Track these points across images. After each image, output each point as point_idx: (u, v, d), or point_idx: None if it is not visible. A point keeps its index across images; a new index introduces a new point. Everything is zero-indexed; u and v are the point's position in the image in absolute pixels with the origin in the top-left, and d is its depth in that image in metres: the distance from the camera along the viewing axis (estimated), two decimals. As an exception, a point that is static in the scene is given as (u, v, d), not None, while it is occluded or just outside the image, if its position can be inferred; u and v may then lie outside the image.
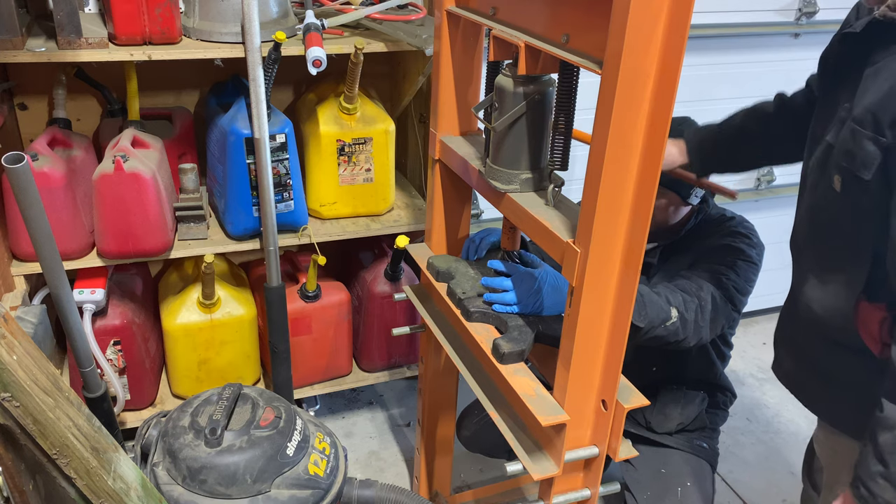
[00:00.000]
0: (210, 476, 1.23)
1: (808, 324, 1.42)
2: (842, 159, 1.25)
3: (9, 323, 0.89)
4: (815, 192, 1.37)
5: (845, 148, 1.24)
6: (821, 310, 1.37)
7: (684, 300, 1.59)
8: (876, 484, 1.21)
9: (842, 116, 1.29)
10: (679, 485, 1.89)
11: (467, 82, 1.59)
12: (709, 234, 1.84)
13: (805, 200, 1.43)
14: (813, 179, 1.38)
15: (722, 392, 2.03)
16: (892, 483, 1.19)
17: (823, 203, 1.34)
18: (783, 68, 2.78)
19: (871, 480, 1.21)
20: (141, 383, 2.14)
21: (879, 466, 1.20)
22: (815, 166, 1.37)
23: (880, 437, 1.20)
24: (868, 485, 1.22)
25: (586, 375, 1.25)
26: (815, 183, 1.36)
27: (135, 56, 1.73)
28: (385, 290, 2.26)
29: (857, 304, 1.31)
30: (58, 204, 1.80)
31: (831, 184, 1.29)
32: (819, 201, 1.36)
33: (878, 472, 1.21)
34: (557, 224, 1.25)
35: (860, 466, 1.25)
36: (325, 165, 2.06)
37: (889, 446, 1.19)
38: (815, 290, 1.38)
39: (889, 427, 1.19)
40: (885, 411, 1.20)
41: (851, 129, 1.23)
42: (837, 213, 1.31)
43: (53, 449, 0.91)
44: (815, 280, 1.39)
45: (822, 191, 1.33)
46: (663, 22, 0.99)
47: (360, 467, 2.42)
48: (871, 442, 1.22)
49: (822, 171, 1.34)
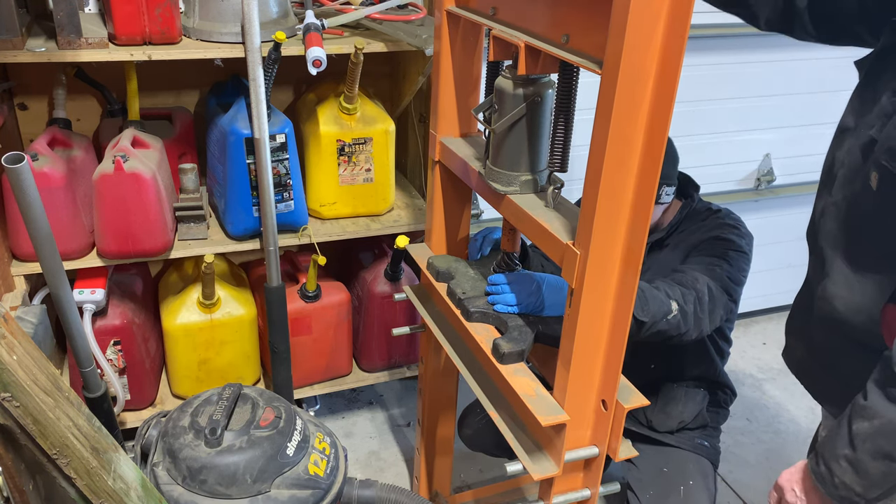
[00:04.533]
0: (210, 476, 1.23)
1: (827, 320, 1.38)
2: (883, 156, 1.20)
3: (9, 323, 0.89)
4: (849, 186, 1.31)
5: (889, 145, 1.19)
6: (844, 308, 1.33)
7: (682, 293, 1.60)
8: (838, 465, 1.22)
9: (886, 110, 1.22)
10: (681, 483, 1.89)
11: (467, 83, 1.59)
12: (697, 228, 1.85)
13: (834, 194, 1.36)
14: (846, 173, 1.32)
15: (722, 390, 2.03)
16: (855, 468, 1.20)
17: (858, 199, 1.28)
18: (783, 68, 2.78)
19: (834, 461, 1.23)
20: (141, 383, 2.14)
21: (847, 450, 1.21)
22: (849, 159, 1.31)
23: (856, 423, 1.21)
24: (830, 464, 1.23)
25: (586, 375, 1.25)
26: (849, 178, 1.30)
27: (135, 56, 1.73)
28: (385, 290, 2.26)
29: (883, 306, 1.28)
30: (58, 204, 1.80)
31: (868, 180, 1.24)
32: (853, 197, 1.30)
33: (844, 454, 1.22)
34: (557, 226, 1.25)
35: (825, 445, 1.25)
36: (325, 165, 2.06)
37: (863, 434, 1.19)
38: (841, 289, 1.33)
39: (868, 417, 1.19)
40: (868, 400, 1.20)
41: None
42: (873, 212, 1.26)
43: (53, 449, 0.91)
44: (841, 278, 1.33)
45: (857, 186, 1.28)
46: (663, 22, 0.99)
47: (360, 467, 2.42)
48: (847, 425, 1.22)
49: (858, 166, 1.28)
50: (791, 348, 1.57)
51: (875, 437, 1.18)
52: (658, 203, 1.84)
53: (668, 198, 1.85)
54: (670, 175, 1.83)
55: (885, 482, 1.20)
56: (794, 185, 3.02)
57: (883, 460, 1.18)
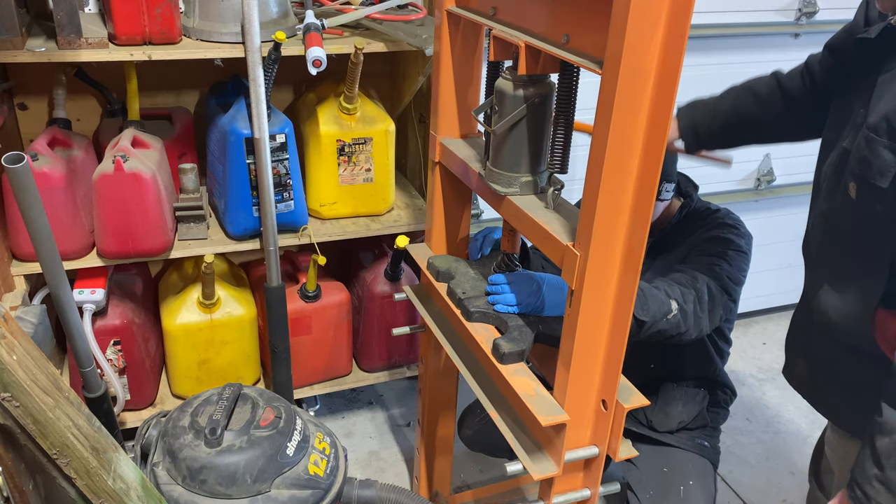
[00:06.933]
0: (210, 476, 1.23)
1: (823, 329, 1.41)
2: (857, 166, 1.23)
3: (9, 323, 0.89)
4: (831, 198, 1.35)
5: (860, 155, 1.23)
6: (837, 316, 1.35)
7: (682, 292, 1.60)
8: (871, 487, 1.21)
9: (857, 122, 1.27)
10: (681, 483, 1.89)
11: (467, 83, 1.59)
12: (696, 228, 1.85)
13: (819, 206, 1.41)
14: (828, 185, 1.36)
15: (722, 390, 2.03)
16: (888, 486, 1.20)
17: (839, 210, 1.32)
18: (783, 68, 2.78)
19: (867, 483, 1.22)
20: (141, 383, 2.14)
21: (876, 470, 1.21)
22: (830, 172, 1.35)
23: (878, 441, 1.20)
24: (864, 487, 1.22)
25: (586, 375, 1.25)
26: (831, 189, 1.34)
27: (135, 56, 1.73)
28: (385, 290, 2.26)
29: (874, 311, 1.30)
30: (58, 204, 1.80)
31: (847, 190, 1.27)
32: (834, 208, 1.34)
33: (874, 475, 1.21)
34: (557, 227, 1.25)
35: (857, 469, 1.25)
36: (325, 165, 2.06)
37: (886, 451, 1.19)
38: (831, 297, 1.36)
39: (887, 432, 1.19)
40: (884, 416, 1.20)
41: (867, 137, 1.21)
42: (853, 221, 1.29)
43: (53, 449, 0.91)
44: (830, 287, 1.37)
45: (838, 197, 1.31)
46: (663, 22, 0.99)
47: (360, 467, 2.42)
48: (869, 445, 1.22)
49: (837, 178, 1.31)
50: (791, 365, 1.58)
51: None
52: (658, 200, 1.84)
53: (668, 194, 1.85)
54: (670, 172, 1.83)
55: None
56: (794, 185, 3.02)
57: None
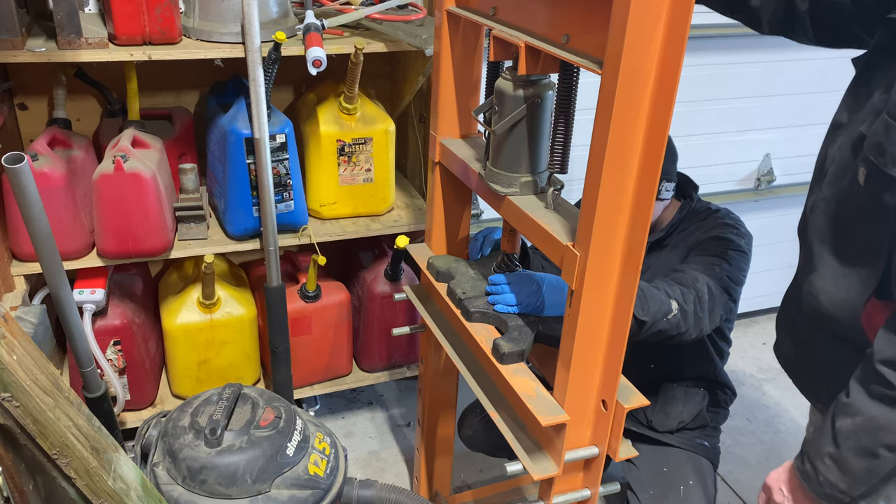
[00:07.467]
0: (210, 476, 1.23)
1: (812, 314, 1.39)
2: (871, 152, 1.20)
3: (9, 323, 0.89)
4: (838, 182, 1.31)
5: (876, 140, 1.19)
6: (828, 303, 1.34)
7: (682, 292, 1.60)
8: (822, 463, 1.24)
9: (877, 107, 1.22)
10: (681, 483, 1.89)
11: (467, 84, 1.59)
12: (696, 228, 1.85)
13: (824, 189, 1.37)
14: (835, 169, 1.33)
15: (722, 390, 2.03)
16: (839, 465, 1.22)
17: (846, 194, 1.29)
18: (783, 68, 2.78)
19: (819, 459, 1.24)
20: (141, 383, 2.14)
21: (831, 448, 1.23)
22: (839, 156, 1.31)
23: (839, 420, 1.22)
24: (815, 462, 1.25)
25: (586, 375, 1.25)
26: (839, 173, 1.31)
27: (135, 56, 1.74)
28: (385, 290, 2.26)
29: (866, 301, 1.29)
30: (58, 204, 1.80)
31: (856, 176, 1.24)
32: (841, 193, 1.30)
33: (828, 452, 1.23)
34: (557, 227, 1.25)
35: (810, 444, 1.27)
36: (325, 165, 2.06)
37: (846, 431, 1.21)
38: (826, 283, 1.34)
39: (850, 413, 1.20)
40: (850, 397, 1.21)
41: (886, 122, 1.17)
42: (859, 207, 1.26)
43: (53, 449, 0.91)
44: (827, 272, 1.34)
45: (845, 182, 1.29)
46: (663, 22, 0.99)
47: (360, 467, 2.42)
48: (830, 423, 1.24)
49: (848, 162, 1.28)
50: (780, 342, 1.57)
51: (858, 433, 1.20)
52: (658, 199, 1.84)
53: (668, 194, 1.85)
54: (670, 171, 1.83)
55: (868, 479, 1.22)
56: (794, 185, 3.02)
57: (866, 457, 1.20)
